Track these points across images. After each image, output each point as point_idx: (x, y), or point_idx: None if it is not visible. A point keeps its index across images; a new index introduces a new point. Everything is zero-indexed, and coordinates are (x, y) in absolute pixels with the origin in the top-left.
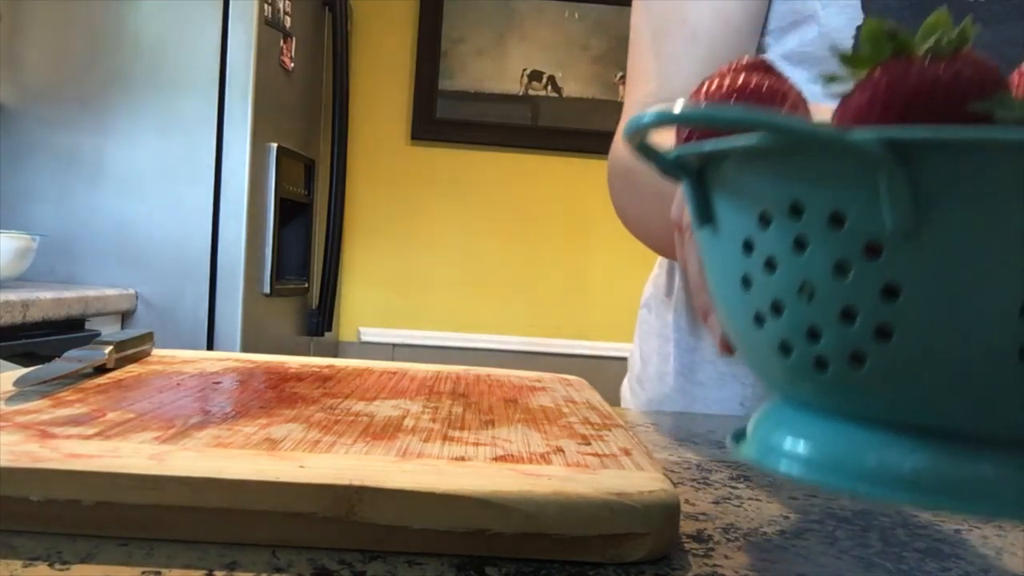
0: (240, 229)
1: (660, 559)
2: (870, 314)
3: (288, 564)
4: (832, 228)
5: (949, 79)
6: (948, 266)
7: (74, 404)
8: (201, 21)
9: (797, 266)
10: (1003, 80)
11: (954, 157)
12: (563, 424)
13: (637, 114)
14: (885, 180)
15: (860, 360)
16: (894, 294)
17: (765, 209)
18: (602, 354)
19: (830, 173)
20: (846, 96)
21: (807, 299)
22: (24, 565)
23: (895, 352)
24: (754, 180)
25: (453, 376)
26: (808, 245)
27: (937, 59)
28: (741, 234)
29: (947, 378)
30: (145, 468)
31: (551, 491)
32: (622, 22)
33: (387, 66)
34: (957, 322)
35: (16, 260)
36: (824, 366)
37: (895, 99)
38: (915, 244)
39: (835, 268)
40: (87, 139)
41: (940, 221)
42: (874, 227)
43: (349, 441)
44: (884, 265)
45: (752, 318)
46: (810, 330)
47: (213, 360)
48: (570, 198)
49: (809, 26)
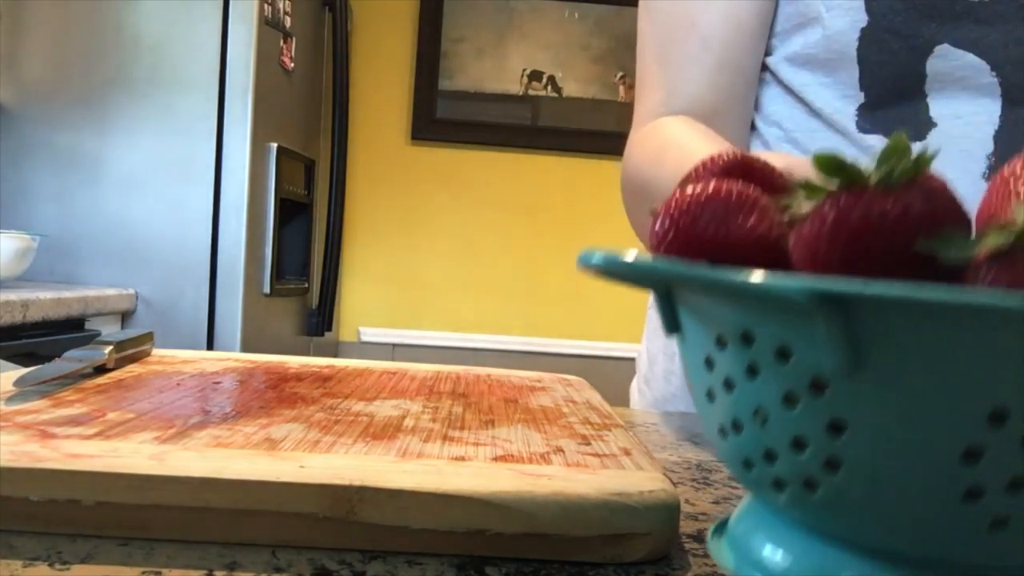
0: (240, 229)
1: (660, 559)
2: (818, 446)
3: (288, 564)
4: (780, 361)
5: (896, 214)
6: (888, 409)
7: (74, 404)
8: (201, 21)
9: (751, 391)
10: (959, 212)
11: (884, 309)
12: (563, 424)
13: (588, 250)
14: (821, 326)
15: (813, 487)
16: (840, 429)
17: (721, 333)
18: (602, 354)
19: (773, 311)
20: (800, 224)
21: (761, 423)
22: (24, 565)
23: (845, 484)
24: (710, 304)
25: (453, 376)
26: (759, 372)
27: (888, 191)
28: (703, 351)
29: (896, 514)
30: (145, 468)
31: (551, 491)
32: (622, 22)
33: (387, 66)
34: (901, 463)
35: (16, 260)
36: (782, 486)
37: (839, 235)
38: (856, 385)
39: (784, 399)
40: (87, 139)
41: (877, 366)
42: (817, 365)
43: (349, 441)
44: (829, 401)
45: (718, 429)
46: (766, 452)
47: (213, 360)
48: (570, 198)
49: (813, 28)
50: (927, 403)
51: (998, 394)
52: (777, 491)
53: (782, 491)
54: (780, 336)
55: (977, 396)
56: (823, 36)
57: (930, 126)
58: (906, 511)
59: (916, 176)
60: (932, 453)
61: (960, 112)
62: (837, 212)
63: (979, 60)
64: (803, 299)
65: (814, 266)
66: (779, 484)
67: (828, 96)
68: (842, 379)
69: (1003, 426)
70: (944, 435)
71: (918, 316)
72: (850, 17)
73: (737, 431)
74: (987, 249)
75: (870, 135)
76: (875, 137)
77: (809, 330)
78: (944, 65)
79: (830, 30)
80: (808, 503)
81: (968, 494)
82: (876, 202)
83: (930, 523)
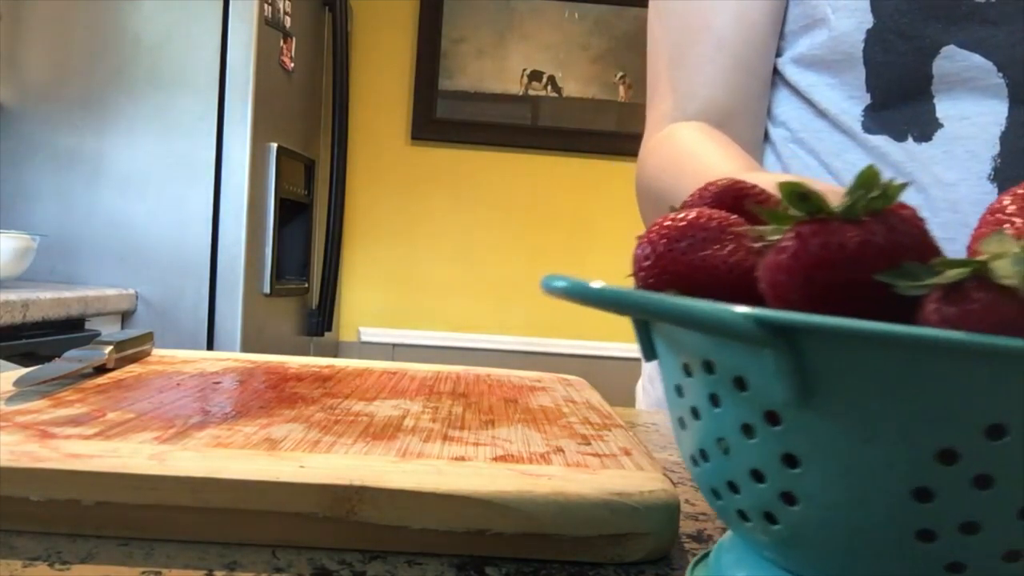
0: (240, 229)
1: (660, 559)
2: (775, 479)
3: (288, 564)
4: (737, 390)
5: (856, 246)
6: (838, 443)
7: (74, 404)
8: (201, 21)
9: (714, 420)
10: (925, 243)
11: (830, 341)
12: (563, 424)
13: (551, 276)
14: (768, 356)
15: (773, 520)
16: (795, 462)
17: (687, 361)
18: (602, 354)
19: (729, 341)
20: (766, 254)
21: (724, 453)
22: (24, 565)
23: (802, 518)
24: (676, 332)
25: (453, 376)
26: (721, 402)
27: (850, 222)
28: (673, 378)
29: (853, 552)
30: (145, 468)
31: (551, 491)
32: (622, 22)
33: (387, 66)
34: (852, 499)
35: (16, 260)
36: (746, 518)
37: (798, 266)
38: (807, 417)
39: (742, 429)
40: (87, 139)
41: (827, 398)
42: (771, 395)
43: (349, 441)
44: (783, 433)
45: (690, 457)
46: (729, 483)
47: (213, 360)
48: (570, 198)
49: (820, 29)
50: (876, 438)
51: (946, 432)
52: (743, 522)
53: (747, 522)
54: (737, 366)
55: (925, 433)
56: (829, 37)
57: (936, 127)
58: (861, 550)
59: (883, 207)
60: (882, 491)
61: (967, 113)
62: (797, 243)
63: (985, 61)
64: (749, 329)
65: (776, 296)
66: (743, 515)
67: (834, 97)
68: (794, 411)
69: (953, 465)
70: (893, 473)
71: (863, 349)
72: (856, 18)
73: (705, 459)
74: (941, 283)
75: (876, 135)
76: (881, 138)
77: (761, 360)
78: (951, 66)
79: (836, 31)
80: (770, 537)
81: (921, 535)
82: (836, 233)
83: (886, 564)
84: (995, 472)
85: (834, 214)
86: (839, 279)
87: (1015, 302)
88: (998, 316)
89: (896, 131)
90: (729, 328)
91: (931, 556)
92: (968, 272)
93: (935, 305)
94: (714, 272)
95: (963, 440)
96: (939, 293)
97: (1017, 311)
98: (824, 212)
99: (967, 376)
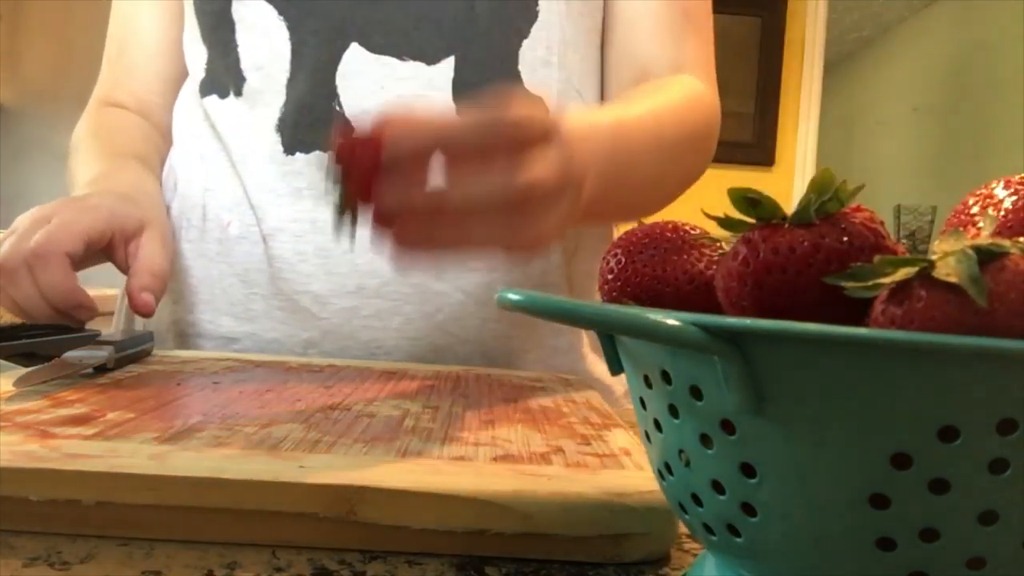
0: None
1: (660, 559)
2: (734, 490)
3: (288, 564)
4: (694, 400)
5: (806, 250)
6: (792, 450)
7: (74, 404)
8: None
9: (675, 431)
10: (880, 245)
11: (777, 345)
12: (563, 424)
13: (505, 289)
14: (718, 363)
15: (736, 532)
16: (751, 472)
17: (646, 372)
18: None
19: (682, 349)
20: (721, 261)
21: (685, 465)
22: (24, 565)
23: (762, 530)
24: (634, 344)
25: (453, 376)
26: (679, 413)
27: (801, 226)
28: (637, 391)
29: (815, 563)
30: (145, 468)
31: (551, 491)
32: None
33: None
34: (810, 508)
35: None
36: (711, 531)
37: (748, 272)
38: (760, 425)
39: (701, 439)
40: None
41: (777, 405)
42: (724, 404)
43: (349, 441)
44: (739, 442)
45: (657, 471)
46: (693, 496)
47: (213, 360)
48: None
49: None
50: (828, 444)
51: (898, 435)
52: (710, 535)
53: (713, 535)
54: (691, 375)
55: (877, 438)
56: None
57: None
58: (822, 560)
59: (836, 210)
60: (838, 498)
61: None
62: (747, 248)
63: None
64: (695, 336)
65: (730, 303)
66: (709, 529)
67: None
68: (747, 419)
69: (907, 469)
70: (848, 479)
71: (807, 352)
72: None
73: (670, 473)
74: (889, 283)
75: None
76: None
77: (712, 369)
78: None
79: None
80: (735, 549)
81: (880, 543)
82: (786, 238)
83: (848, 574)
84: (950, 476)
85: (786, 218)
86: (790, 284)
87: (959, 300)
88: (942, 314)
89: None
90: (676, 337)
91: (893, 565)
92: (914, 272)
93: (883, 306)
94: (674, 283)
95: (915, 443)
96: (886, 293)
97: (961, 309)
98: (777, 217)
99: (914, 377)
